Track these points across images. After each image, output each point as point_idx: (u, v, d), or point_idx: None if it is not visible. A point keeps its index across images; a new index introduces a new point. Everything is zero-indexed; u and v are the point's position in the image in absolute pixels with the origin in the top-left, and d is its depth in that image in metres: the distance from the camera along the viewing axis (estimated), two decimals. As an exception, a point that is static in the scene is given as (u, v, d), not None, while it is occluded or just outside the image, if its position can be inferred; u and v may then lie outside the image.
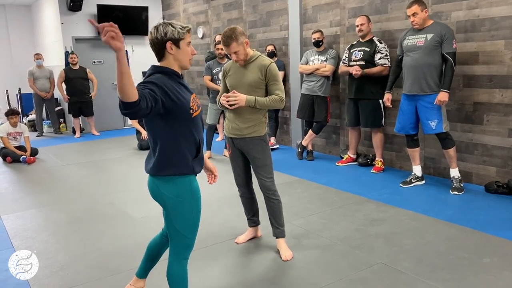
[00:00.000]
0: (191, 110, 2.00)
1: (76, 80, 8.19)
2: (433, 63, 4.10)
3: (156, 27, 1.99)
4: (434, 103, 4.11)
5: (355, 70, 4.93)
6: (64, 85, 8.20)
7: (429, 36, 4.10)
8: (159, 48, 1.99)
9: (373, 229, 3.44)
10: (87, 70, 8.40)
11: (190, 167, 2.03)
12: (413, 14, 4.13)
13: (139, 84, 1.88)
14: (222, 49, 5.70)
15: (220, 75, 5.72)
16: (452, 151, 4.23)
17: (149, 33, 2.04)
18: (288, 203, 3.99)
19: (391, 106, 4.65)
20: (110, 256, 3.15)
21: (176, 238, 2.05)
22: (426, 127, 4.23)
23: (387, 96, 4.60)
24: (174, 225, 2.03)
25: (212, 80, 5.88)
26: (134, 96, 1.66)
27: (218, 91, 5.46)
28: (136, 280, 2.45)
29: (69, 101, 8.24)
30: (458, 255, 2.94)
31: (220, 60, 5.85)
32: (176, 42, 1.99)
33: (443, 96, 4.07)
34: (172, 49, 1.98)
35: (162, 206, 2.06)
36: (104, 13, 8.72)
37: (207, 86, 6.06)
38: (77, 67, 8.24)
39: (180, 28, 1.99)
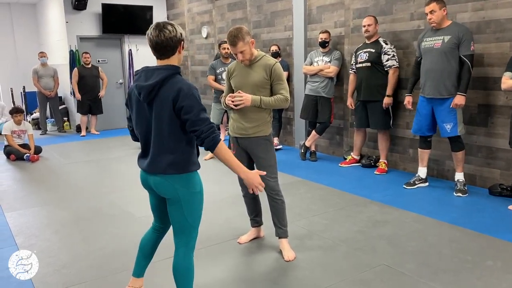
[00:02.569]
0: None
1: (88, 78, 8.26)
2: (450, 66, 4.04)
3: (173, 26, 2.05)
4: (451, 106, 4.06)
5: (386, 104, 4.93)
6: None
7: (446, 38, 4.02)
8: (173, 46, 2.07)
9: (376, 230, 3.43)
10: (99, 69, 8.46)
11: (198, 163, 2.18)
12: (431, 12, 4.03)
13: (206, 114, 2.04)
14: (227, 48, 5.70)
15: (224, 75, 5.73)
16: (460, 154, 4.20)
17: (163, 30, 2.03)
18: (291, 204, 3.98)
19: (412, 109, 4.58)
20: (112, 255, 3.15)
21: (186, 230, 2.14)
22: (442, 130, 4.19)
23: (408, 99, 4.52)
24: (187, 218, 2.11)
25: (216, 80, 5.88)
26: None
27: (222, 91, 5.47)
28: (134, 281, 2.44)
29: (80, 99, 8.27)
30: (461, 257, 2.93)
31: (224, 60, 5.85)
32: (182, 43, 2.13)
33: (459, 99, 4.02)
34: (181, 49, 2.12)
35: (174, 202, 2.10)
36: (109, 12, 8.74)
37: (210, 86, 6.05)
38: (89, 65, 8.29)
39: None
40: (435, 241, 3.20)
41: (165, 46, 2.04)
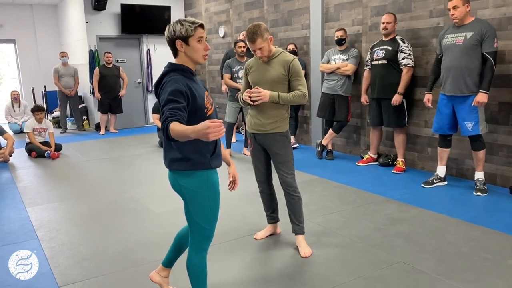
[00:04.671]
0: (206, 109, 2.06)
1: (109, 78, 8.38)
2: (472, 63, 3.97)
3: (170, 26, 2.05)
4: (472, 104, 3.99)
5: (395, 102, 4.87)
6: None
7: (469, 34, 3.96)
8: (171, 46, 2.07)
9: (394, 228, 3.40)
10: (120, 68, 8.59)
11: (207, 163, 2.08)
12: (454, 7, 3.97)
13: (170, 104, 1.86)
14: (243, 47, 5.71)
15: (240, 74, 5.74)
16: (481, 154, 4.12)
17: (165, 31, 2.09)
18: (308, 201, 3.98)
19: (431, 107, 4.50)
20: (131, 248, 3.20)
21: (196, 230, 2.11)
22: (463, 128, 4.13)
23: (428, 97, 4.44)
24: (193, 216, 2.09)
25: (232, 78, 5.90)
26: None
27: (238, 89, 5.49)
28: (162, 269, 2.51)
29: (99, 98, 8.41)
30: (481, 256, 2.89)
31: (239, 59, 5.85)
32: (185, 39, 2.02)
33: (482, 97, 3.94)
34: (182, 47, 2.04)
35: (182, 199, 2.13)
36: (128, 13, 8.86)
37: (226, 84, 6.08)
38: (111, 65, 8.42)
39: (189, 25, 2.00)
40: (453, 239, 3.16)
41: (169, 46, 2.09)
